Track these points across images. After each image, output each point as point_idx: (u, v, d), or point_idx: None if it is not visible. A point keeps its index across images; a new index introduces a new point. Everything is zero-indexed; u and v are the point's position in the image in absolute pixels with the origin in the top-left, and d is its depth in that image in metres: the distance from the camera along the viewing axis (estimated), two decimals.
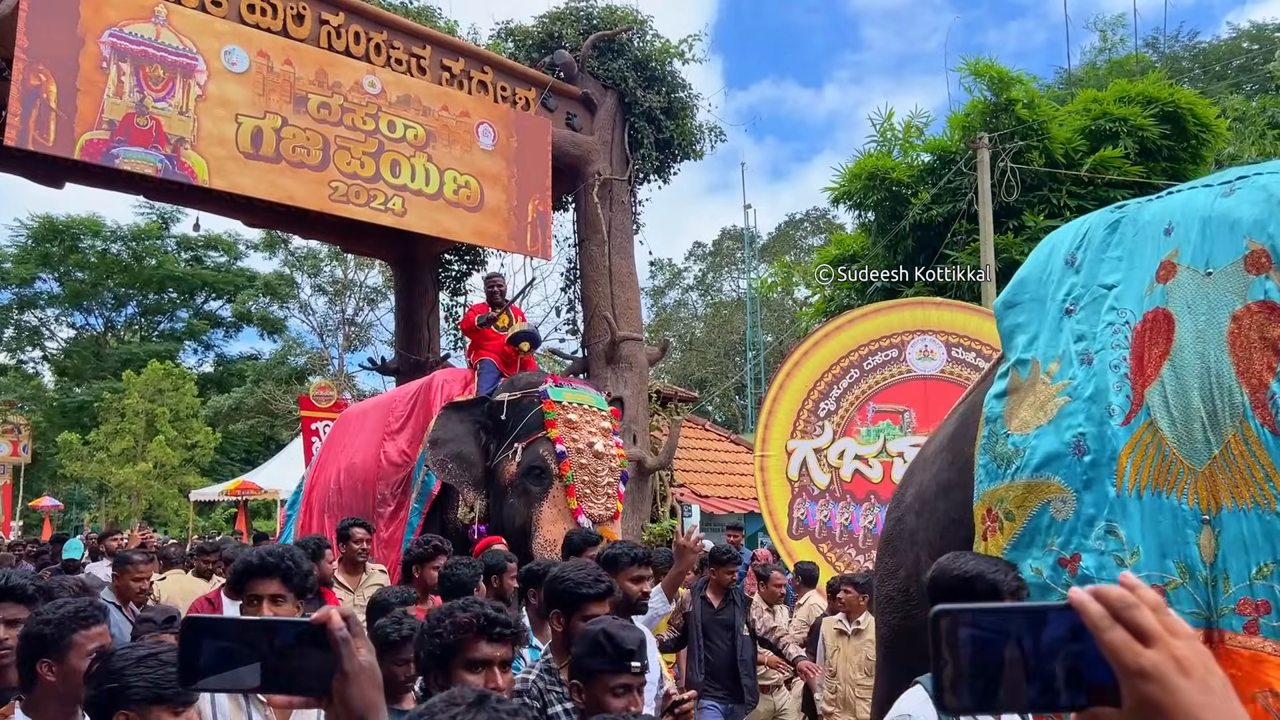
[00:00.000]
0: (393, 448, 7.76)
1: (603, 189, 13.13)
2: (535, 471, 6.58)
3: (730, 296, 37.67)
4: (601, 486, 6.72)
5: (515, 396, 6.95)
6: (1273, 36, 25.02)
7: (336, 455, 8.49)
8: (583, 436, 6.80)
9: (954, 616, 0.78)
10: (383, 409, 8.31)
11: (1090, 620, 0.74)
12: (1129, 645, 0.73)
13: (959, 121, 14.43)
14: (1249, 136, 17.78)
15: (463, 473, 6.74)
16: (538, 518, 6.46)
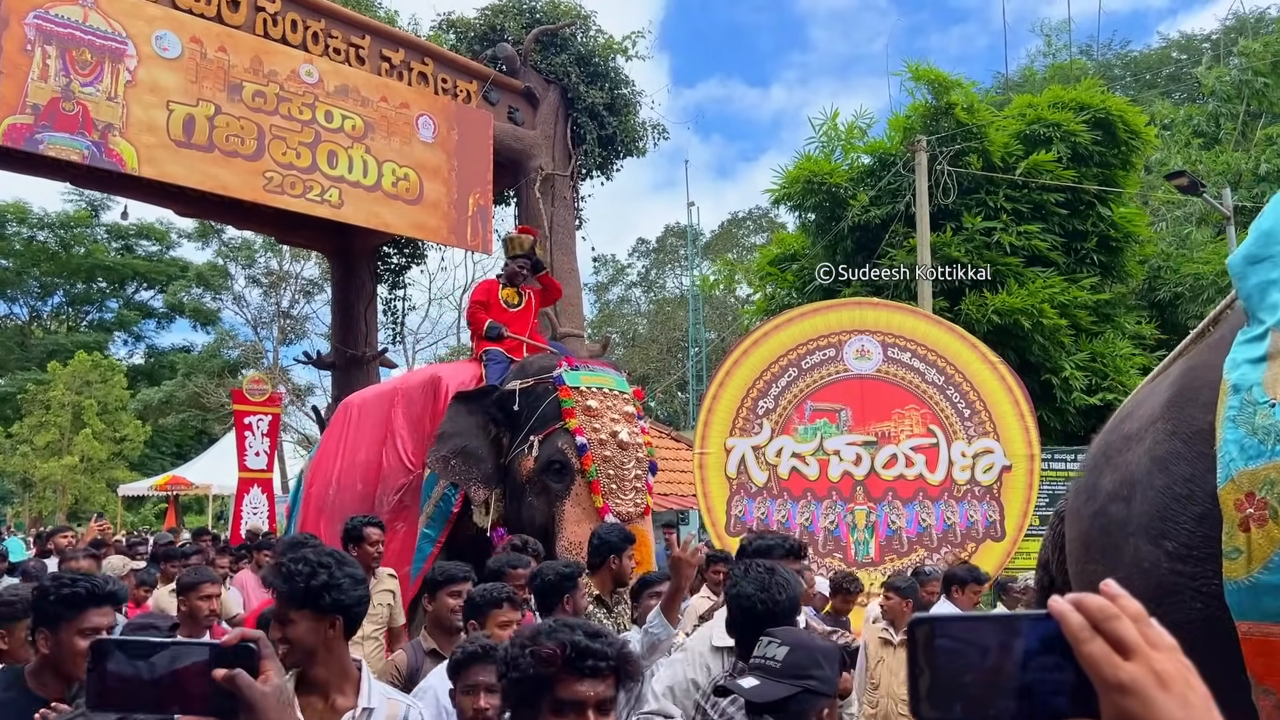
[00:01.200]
0: (393, 450, 7.02)
1: (545, 184, 13.06)
2: (555, 467, 5.93)
3: (674, 293, 37.76)
4: (629, 480, 6.05)
5: (528, 384, 6.25)
6: (1200, 47, 25.74)
7: (338, 448, 7.71)
8: (604, 425, 6.13)
9: (931, 626, 0.77)
10: (385, 401, 7.44)
11: (1070, 631, 0.73)
12: (1108, 658, 0.71)
13: (899, 124, 14.60)
14: (1175, 144, 18.27)
15: (468, 469, 6.09)
16: (560, 518, 5.86)
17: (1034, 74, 22.90)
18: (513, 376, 6.44)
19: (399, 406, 7.14)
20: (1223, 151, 17.97)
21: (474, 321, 7.33)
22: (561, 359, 6.62)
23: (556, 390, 6.16)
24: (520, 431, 6.14)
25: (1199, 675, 0.73)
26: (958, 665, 0.75)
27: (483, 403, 6.33)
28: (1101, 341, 13.02)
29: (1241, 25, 22.09)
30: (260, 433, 15.05)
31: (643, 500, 6.11)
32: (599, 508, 5.82)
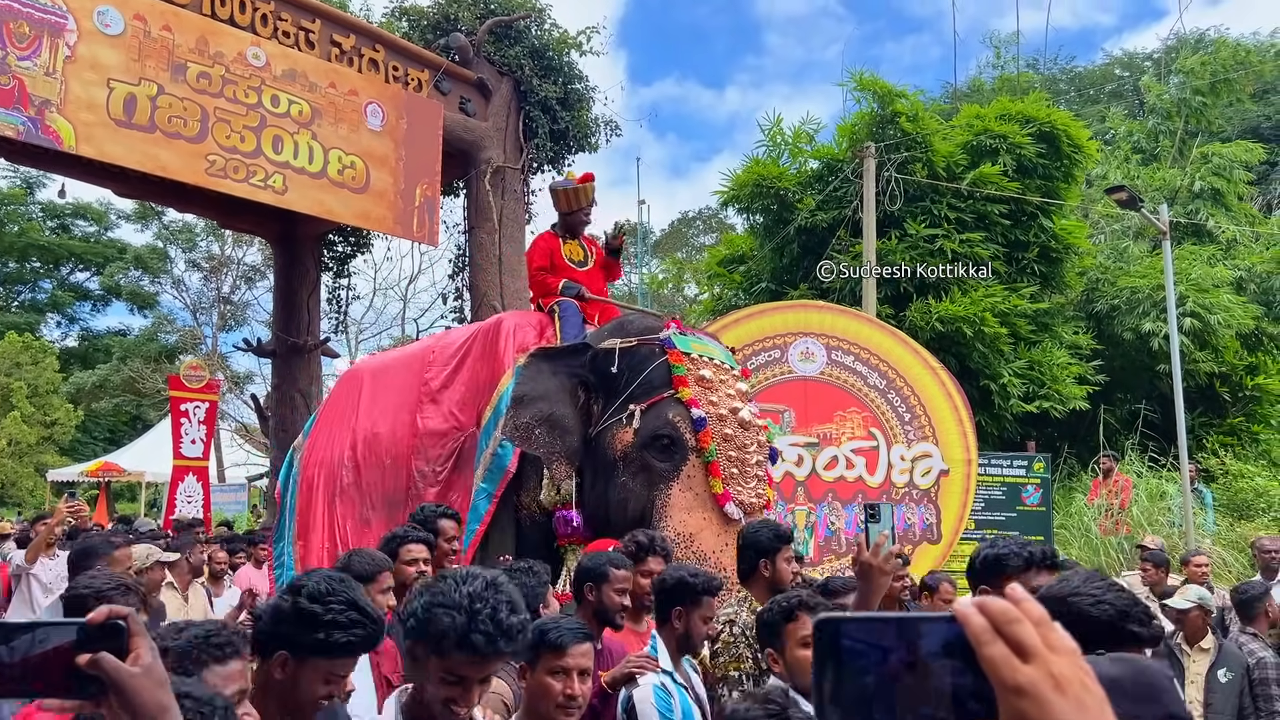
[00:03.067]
0: (435, 412, 6.08)
1: (495, 176, 12.97)
2: (663, 441, 4.95)
3: (622, 290, 37.77)
4: (751, 466, 5.10)
5: (630, 343, 5.29)
6: (1143, 64, 26.38)
7: (346, 423, 6.73)
8: (722, 400, 5.18)
9: (836, 626, 0.76)
10: (415, 363, 6.51)
11: (972, 634, 0.73)
12: (1008, 661, 0.71)
13: (847, 131, 14.75)
14: (1115, 159, 18.70)
15: (554, 441, 5.13)
16: (665, 503, 4.90)
17: (982, 85, 23.29)
18: (609, 334, 5.49)
19: (438, 363, 6.25)
20: (1160, 168, 18.43)
21: (541, 285, 6.40)
22: (667, 320, 5.68)
23: (666, 354, 5.22)
24: (617, 397, 5.19)
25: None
26: (862, 666, 0.75)
27: (572, 362, 5.35)
28: (1039, 350, 13.28)
29: (1182, 44, 22.66)
30: (197, 420, 14.79)
31: (764, 491, 5.22)
32: (717, 494, 4.91)
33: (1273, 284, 15.52)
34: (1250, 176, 18.69)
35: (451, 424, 5.91)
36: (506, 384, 5.45)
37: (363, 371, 6.96)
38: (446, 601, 1.90)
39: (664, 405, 5.08)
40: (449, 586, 1.93)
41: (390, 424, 6.30)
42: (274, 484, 14.78)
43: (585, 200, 6.52)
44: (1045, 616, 0.74)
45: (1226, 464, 13.42)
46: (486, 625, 1.88)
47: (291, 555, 6.63)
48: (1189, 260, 14.71)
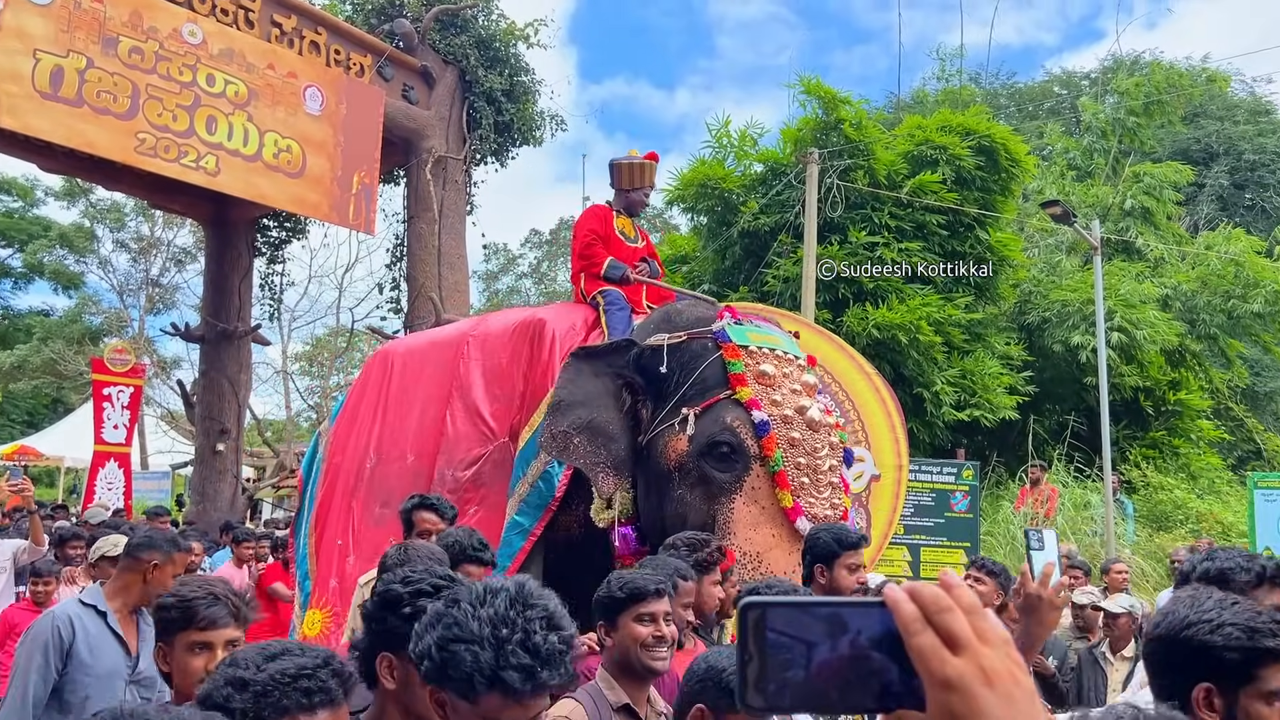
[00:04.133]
0: (465, 411, 5.50)
1: (436, 166, 12.80)
2: (721, 450, 4.42)
3: (565, 287, 37.63)
4: (823, 473, 4.53)
5: (679, 339, 4.73)
6: (1080, 83, 26.99)
7: (374, 410, 6.15)
8: (787, 398, 4.60)
9: (762, 611, 0.73)
10: (449, 351, 5.91)
11: (902, 622, 0.70)
12: (937, 651, 0.69)
13: (792, 135, 14.83)
14: (1051, 174, 19.08)
15: (595, 450, 4.58)
16: (727, 518, 4.38)
17: (926, 97, 23.61)
18: (655, 328, 4.93)
19: (473, 357, 5.67)
20: (1094, 185, 18.84)
21: (589, 255, 5.72)
22: (722, 309, 5.06)
23: (720, 348, 4.66)
24: (669, 400, 4.67)
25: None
26: (787, 653, 0.73)
27: (615, 361, 4.78)
28: (972, 359, 13.48)
29: (1119, 66, 23.22)
30: (120, 405, 14.35)
31: (841, 501, 4.67)
32: (786, 508, 4.38)
33: (1197, 303, 15.96)
34: (1179, 197, 19.21)
35: (481, 428, 5.34)
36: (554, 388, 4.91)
37: (393, 354, 6.37)
38: (464, 634, 1.52)
39: (721, 408, 4.52)
40: (463, 613, 1.55)
41: (418, 416, 5.76)
42: (199, 473, 14.44)
43: (648, 179, 6.07)
44: (976, 604, 0.71)
45: (1148, 476, 13.78)
46: (520, 656, 1.51)
47: (306, 548, 6.06)
48: (1118, 276, 15.06)
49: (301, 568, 6.10)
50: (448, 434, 5.48)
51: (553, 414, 4.62)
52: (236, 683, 1.50)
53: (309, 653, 1.61)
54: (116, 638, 3.33)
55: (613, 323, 5.38)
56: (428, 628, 1.60)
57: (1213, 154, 24.11)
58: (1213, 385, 16.57)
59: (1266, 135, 24.66)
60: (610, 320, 5.40)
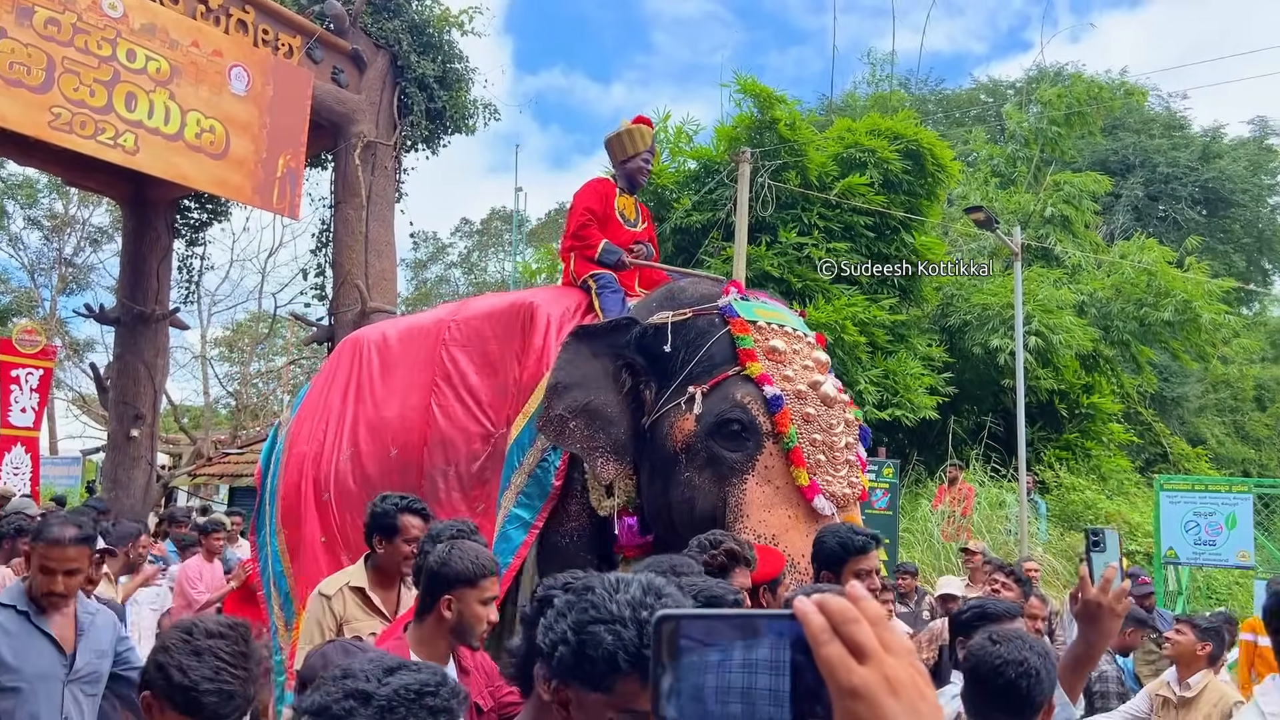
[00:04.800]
0: (457, 402, 5.16)
1: (365, 151, 12.59)
2: (732, 427, 4.15)
3: (495, 278, 37.36)
4: (839, 449, 4.30)
5: (684, 315, 4.47)
6: (1006, 92, 27.63)
7: (344, 399, 5.75)
8: (799, 374, 4.36)
9: (676, 623, 0.74)
10: (429, 337, 5.54)
11: (810, 633, 0.71)
12: (844, 661, 0.70)
13: (726, 134, 14.92)
14: (975, 181, 19.52)
15: (593, 434, 4.34)
16: (740, 500, 4.11)
17: (856, 100, 23.94)
18: (658, 306, 4.67)
19: (457, 342, 5.32)
20: (1016, 192, 19.33)
21: (583, 237, 5.38)
22: (727, 284, 4.82)
23: (727, 324, 4.42)
24: (673, 379, 4.40)
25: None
26: (700, 665, 0.73)
27: (615, 341, 4.52)
28: (895, 360, 13.73)
29: (1043, 76, 23.83)
30: (29, 387, 13.84)
31: (858, 479, 4.46)
32: (802, 486, 4.13)
33: (1111, 309, 16.48)
34: (1097, 206, 19.82)
35: (478, 419, 5.05)
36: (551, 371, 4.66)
37: (365, 341, 6.00)
38: (604, 615, 1.47)
39: (730, 384, 4.25)
40: (600, 597, 1.50)
41: (398, 408, 5.38)
42: (112, 459, 13.99)
43: (643, 144, 5.60)
44: (882, 616, 0.73)
45: (1061, 477, 14.21)
46: None
47: (276, 545, 5.64)
48: (1037, 282, 15.47)
49: (275, 566, 5.64)
50: (438, 426, 5.11)
51: (549, 397, 4.37)
52: (359, 695, 1.41)
53: (424, 668, 1.53)
54: (45, 636, 3.12)
55: (607, 305, 5.08)
56: (559, 616, 1.54)
57: (1129, 165, 24.90)
58: (1124, 390, 17.15)
59: (1180, 149, 25.54)
60: (604, 303, 5.11)
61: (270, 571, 5.68)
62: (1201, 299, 16.16)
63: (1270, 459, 22.75)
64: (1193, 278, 16.69)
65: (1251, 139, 27.27)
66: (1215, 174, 24.65)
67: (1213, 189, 24.58)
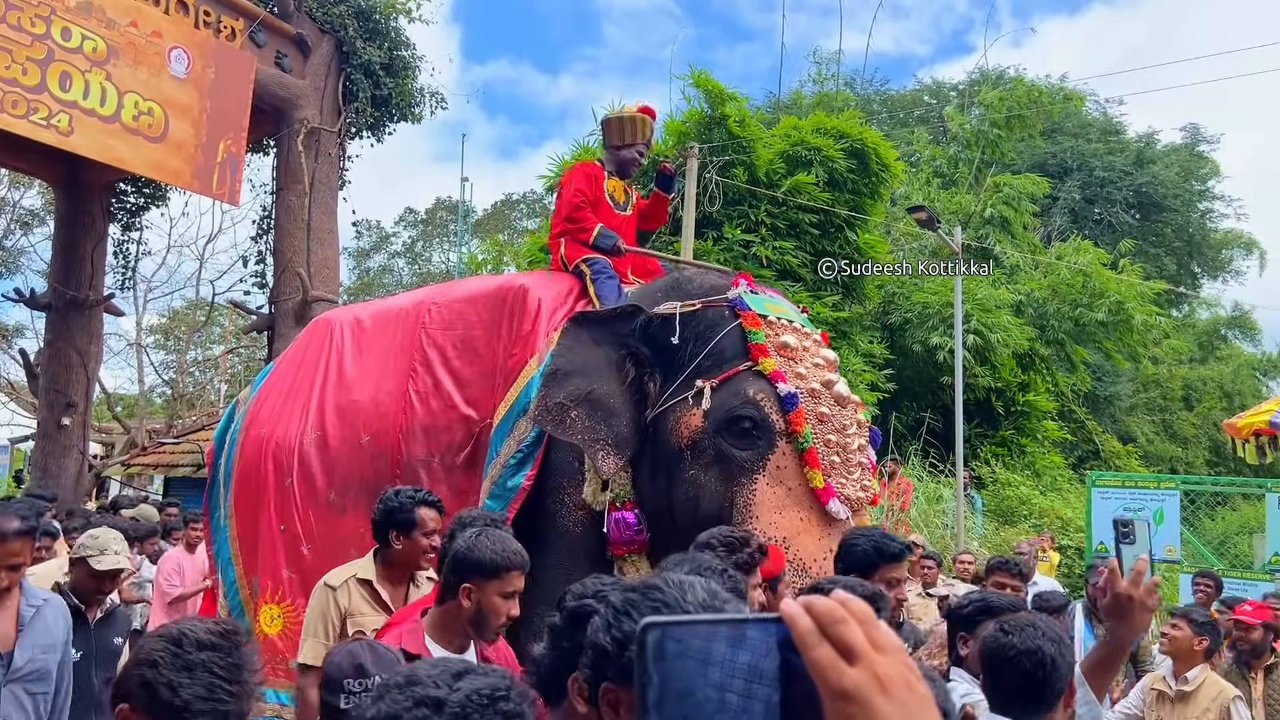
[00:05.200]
0: (437, 389, 4.92)
1: (309, 138, 12.41)
2: (743, 424, 4.01)
3: (439, 268, 37.02)
4: (853, 451, 4.17)
5: (692, 306, 4.32)
6: (949, 94, 28.05)
7: (310, 382, 5.49)
8: (812, 372, 4.25)
9: (661, 631, 0.72)
10: (408, 320, 5.30)
11: (798, 637, 0.71)
12: (834, 663, 0.70)
13: (675, 128, 14.95)
14: (917, 181, 19.82)
15: (595, 425, 4.13)
16: (749, 500, 3.96)
17: (802, 98, 24.13)
18: (663, 295, 4.48)
19: (439, 326, 5.07)
20: (958, 193, 19.64)
21: (576, 220, 5.21)
22: (736, 276, 4.66)
23: (738, 317, 4.27)
24: (679, 374, 4.23)
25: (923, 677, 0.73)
26: (688, 672, 0.71)
27: (619, 329, 4.32)
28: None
29: (985, 79, 24.23)
30: None
31: (870, 483, 4.29)
32: (817, 489, 3.99)
33: (1047, 309, 16.85)
34: (1035, 208, 20.22)
35: (461, 407, 4.81)
36: (531, 375, 4.44)
37: (337, 322, 5.73)
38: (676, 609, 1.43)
39: (741, 380, 4.10)
40: (670, 597, 1.46)
41: (372, 392, 5.14)
42: (42, 447, 13.62)
43: (642, 135, 5.53)
44: (870, 615, 0.72)
45: (996, 473, 14.51)
46: None
47: (226, 531, 5.44)
48: (975, 282, 15.76)
49: (224, 553, 5.42)
50: (416, 414, 4.88)
51: (548, 384, 4.14)
52: (430, 703, 1.35)
53: (491, 671, 1.48)
54: None
55: (603, 292, 4.86)
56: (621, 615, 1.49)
57: (1067, 169, 25.44)
58: (1058, 388, 17.56)
59: (1116, 154, 26.16)
60: (600, 290, 4.89)
61: (222, 557, 5.44)
62: (1134, 300, 16.60)
63: (1196, 457, 23.44)
64: (1126, 280, 17.13)
65: (1183, 145, 28.03)
66: (1149, 179, 25.29)
67: (1146, 194, 25.23)
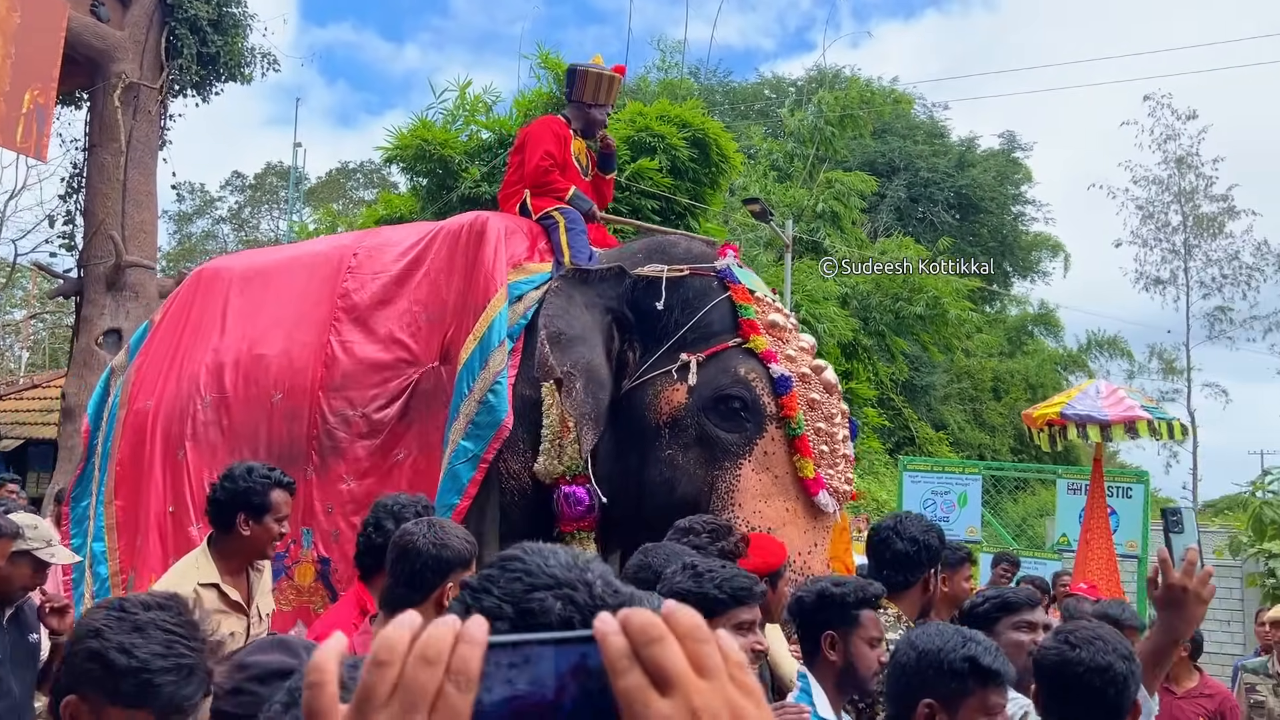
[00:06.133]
0: (364, 335, 4.48)
1: (127, 93, 11.65)
2: (731, 405, 3.75)
3: (268, 235, 35.50)
4: (839, 442, 3.94)
5: (680, 272, 4.01)
6: (788, 89, 28.89)
7: (203, 340, 4.94)
8: (800, 355, 4.01)
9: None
10: (323, 266, 4.84)
11: (608, 661, 0.58)
12: (642, 693, 0.57)
13: (524, 106, 14.83)
14: (755, 173, 20.36)
15: (587, 398, 3.78)
16: (733, 486, 3.70)
17: (648, 85, 24.35)
18: (645, 258, 4.14)
19: (369, 271, 4.64)
20: (792, 187, 20.30)
21: (548, 181, 4.81)
22: (722, 246, 4.38)
23: (727, 289, 3.99)
24: (660, 344, 3.92)
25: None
26: (505, 696, 0.60)
27: (608, 292, 3.98)
28: None
29: (822, 78, 25.07)
30: None
31: (852, 475, 4.12)
32: (806, 478, 3.73)
33: (871, 302, 17.67)
34: (863, 205, 21.13)
35: (397, 354, 4.40)
36: (499, 308, 4.08)
37: (227, 272, 5.15)
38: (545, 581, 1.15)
39: (730, 357, 3.82)
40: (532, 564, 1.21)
41: (283, 345, 4.67)
42: None
43: (612, 97, 5.29)
44: (698, 627, 0.60)
45: None
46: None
47: (102, 519, 4.85)
48: (805, 273, 16.36)
49: (97, 544, 4.81)
50: (339, 365, 4.47)
51: (552, 347, 3.76)
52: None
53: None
54: None
55: (575, 244, 4.48)
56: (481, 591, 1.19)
57: (894, 168, 26.63)
58: (879, 377, 18.45)
59: (940, 156, 27.56)
60: (572, 241, 4.50)
61: (89, 550, 4.84)
62: (949, 296, 17.62)
63: (1002, 445, 25.05)
64: (942, 276, 18.14)
65: (1001, 151, 29.77)
66: (968, 181, 26.75)
67: (965, 195, 26.68)
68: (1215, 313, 28.78)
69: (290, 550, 4.36)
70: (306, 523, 4.38)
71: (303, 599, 4.39)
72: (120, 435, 4.97)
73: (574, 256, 4.44)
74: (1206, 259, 28.93)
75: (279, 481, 3.21)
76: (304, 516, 4.34)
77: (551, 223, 4.65)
